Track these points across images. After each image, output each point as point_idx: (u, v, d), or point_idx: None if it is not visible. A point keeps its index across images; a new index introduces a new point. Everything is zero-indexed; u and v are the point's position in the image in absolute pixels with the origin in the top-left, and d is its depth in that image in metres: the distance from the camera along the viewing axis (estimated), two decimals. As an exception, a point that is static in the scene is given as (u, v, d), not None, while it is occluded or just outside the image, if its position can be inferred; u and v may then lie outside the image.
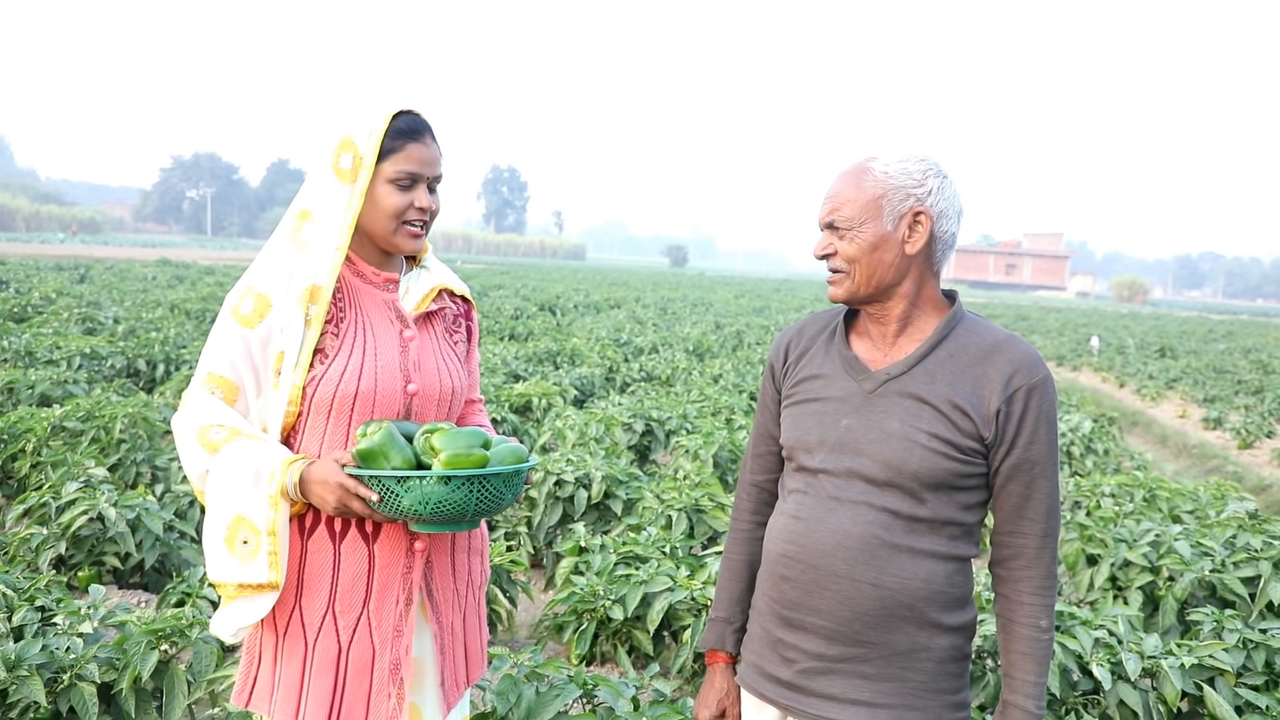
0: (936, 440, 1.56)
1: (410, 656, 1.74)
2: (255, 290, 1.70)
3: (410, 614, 1.74)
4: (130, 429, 5.48)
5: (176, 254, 43.40)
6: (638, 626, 3.58)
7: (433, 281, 1.86)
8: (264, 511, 1.61)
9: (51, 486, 4.31)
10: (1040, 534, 1.60)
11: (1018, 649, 1.61)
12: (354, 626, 1.70)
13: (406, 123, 1.72)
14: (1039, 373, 1.58)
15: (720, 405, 7.80)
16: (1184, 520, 4.86)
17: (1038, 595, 1.60)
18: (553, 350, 11.19)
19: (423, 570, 1.77)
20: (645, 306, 23.11)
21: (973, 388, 1.58)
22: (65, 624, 2.87)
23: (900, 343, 1.65)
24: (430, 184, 1.76)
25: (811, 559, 1.61)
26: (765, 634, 1.70)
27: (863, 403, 1.63)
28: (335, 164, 1.72)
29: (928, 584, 1.57)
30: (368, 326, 1.75)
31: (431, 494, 1.58)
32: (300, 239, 1.73)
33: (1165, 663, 2.93)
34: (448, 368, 1.82)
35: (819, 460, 1.64)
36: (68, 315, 11.86)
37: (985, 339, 1.62)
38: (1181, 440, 10.89)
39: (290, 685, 1.70)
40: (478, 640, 1.92)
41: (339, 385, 1.68)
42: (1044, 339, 23.21)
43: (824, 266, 1.68)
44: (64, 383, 7.20)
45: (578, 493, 4.89)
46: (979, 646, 3.12)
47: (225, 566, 1.63)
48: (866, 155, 1.64)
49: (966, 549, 1.62)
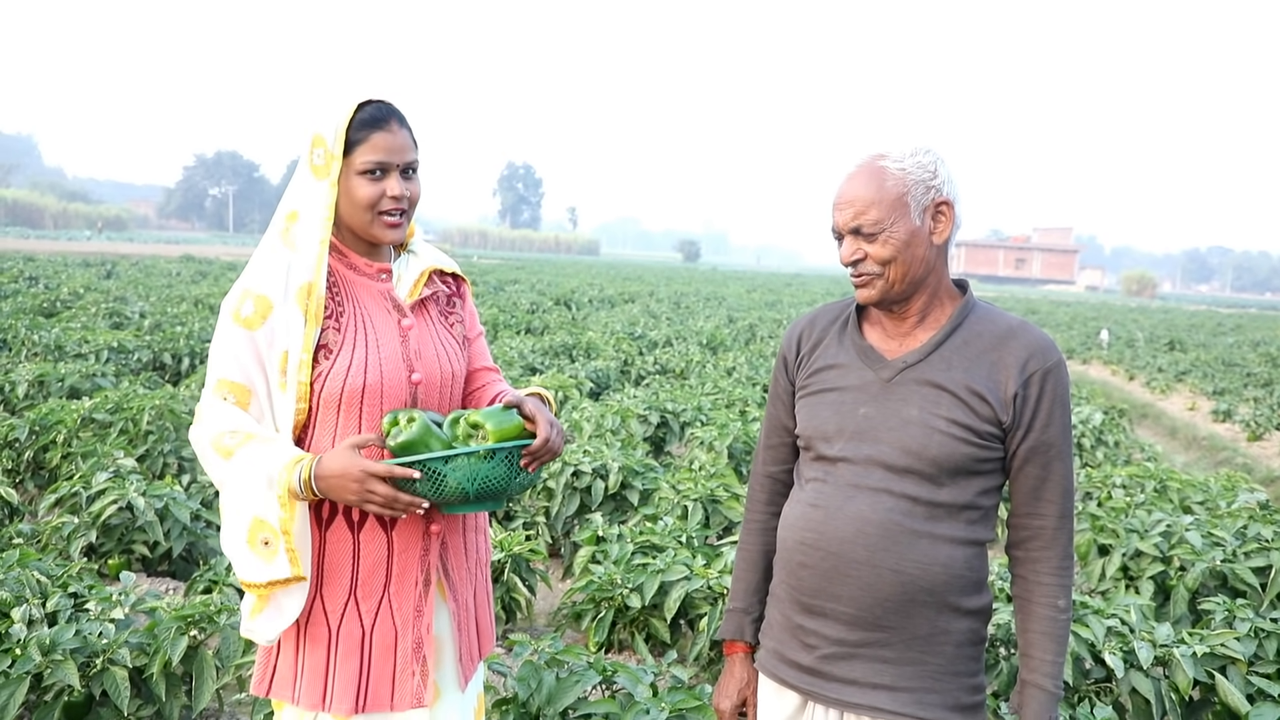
0: (955, 426, 1.56)
1: (431, 634, 1.75)
2: (254, 292, 1.68)
3: (430, 594, 1.75)
4: (157, 420, 5.52)
5: (200, 250, 43.62)
6: (655, 614, 3.59)
7: (421, 265, 1.84)
8: (275, 512, 1.61)
9: (82, 476, 4.35)
10: (1057, 515, 1.60)
11: (1036, 628, 1.61)
12: (376, 610, 1.72)
13: (370, 112, 1.69)
14: (1053, 356, 1.59)
15: (734, 397, 7.79)
16: (1195, 511, 4.83)
17: (1055, 575, 1.60)
18: (568, 344, 11.20)
19: (439, 551, 1.78)
20: (659, 301, 23.08)
21: (989, 373, 1.58)
22: (97, 610, 2.90)
23: (916, 332, 1.65)
24: (405, 170, 1.73)
25: (831, 546, 1.61)
26: (785, 620, 1.70)
27: (880, 391, 1.62)
28: (310, 161, 1.71)
29: (947, 569, 1.57)
30: (367, 319, 1.74)
31: (478, 470, 1.61)
32: (291, 239, 1.71)
33: (1177, 651, 2.92)
34: (447, 353, 1.82)
35: (838, 449, 1.63)
36: (95, 310, 11.96)
37: (999, 325, 1.63)
38: (1191, 432, 10.82)
39: (316, 671, 1.71)
40: (488, 615, 1.94)
41: (346, 380, 1.68)
42: (1054, 332, 23.06)
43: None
44: (92, 376, 7.26)
45: (595, 483, 4.90)
46: (992, 634, 3.11)
47: (251, 566, 1.64)
48: (871, 154, 1.61)
49: (984, 533, 1.62)
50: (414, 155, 1.74)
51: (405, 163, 1.72)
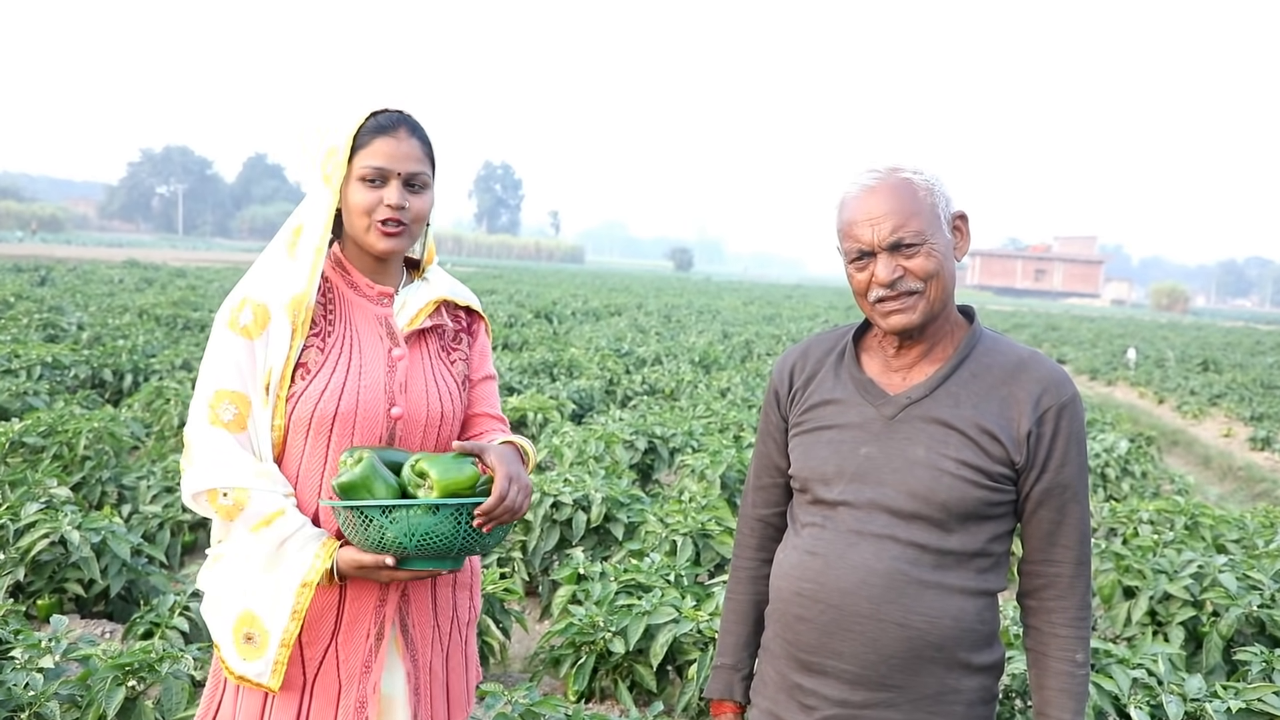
0: (966, 468, 1.56)
1: (378, 694, 1.75)
2: (253, 300, 1.73)
3: (381, 649, 1.75)
4: (95, 445, 5.48)
5: (145, 254, 43.50)
6: (640, 660, 3.58)
7: (430, 294, 1.86)
8: (283, 623, 1.68)
9: (9, 507, 4.31)
10: (1074, 561, 1.61)
11: (1053, 685, 1.61)
12: (320, 659, 1.72)
13: (381, 119, 1.75)
14: (1067, 391, 1.60)
15: (728, 421, 7.80)
16: (1229, 550, 4.85)
17: (1073, 627, 1.61)
18: (549, 361, 11.20)
19: (397, 604, 1.78)
20: (648, 314, 23.13)
21: (1000, 410, 1.59)
22: (24, 658, 2.87)
23: (920, 365, 1.66)
24: (409, 181, 1.76)
25: (832, 598, 1.60)
26: (780, 679, 1.69)
27: (883, 429, 1.63)
28: (323, 171, 1.76)
29: (958, 622, 1.58)
30: (355, 342, 1.76)
31: (419, 524, 1.58)
32: (295, 251, 1.77)
33: (1210, 706, 2.93)
34: (439, 390, 1.83)
35: (838, 492, 1.63)
36: (27, 321, 11.88)
37: (1009, 357, 1.63)
38: (1226, 461, 10.88)
39: (250, 716, 1.72)
40: (462, 681, 1.92)
41: (318, 404, 1.70)
42: (1076, 351, 23.21)
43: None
44: (24, 394, 7.22)
45: (576, 515, 4.89)
46: (1006, 686, 3.11)
47: (229, 652, 1.70)
48: (885, 168, 1.63)
49: (996, 582, 1.62)
50: (420, 167, 1.77)
51: (409, 172, 1.75)
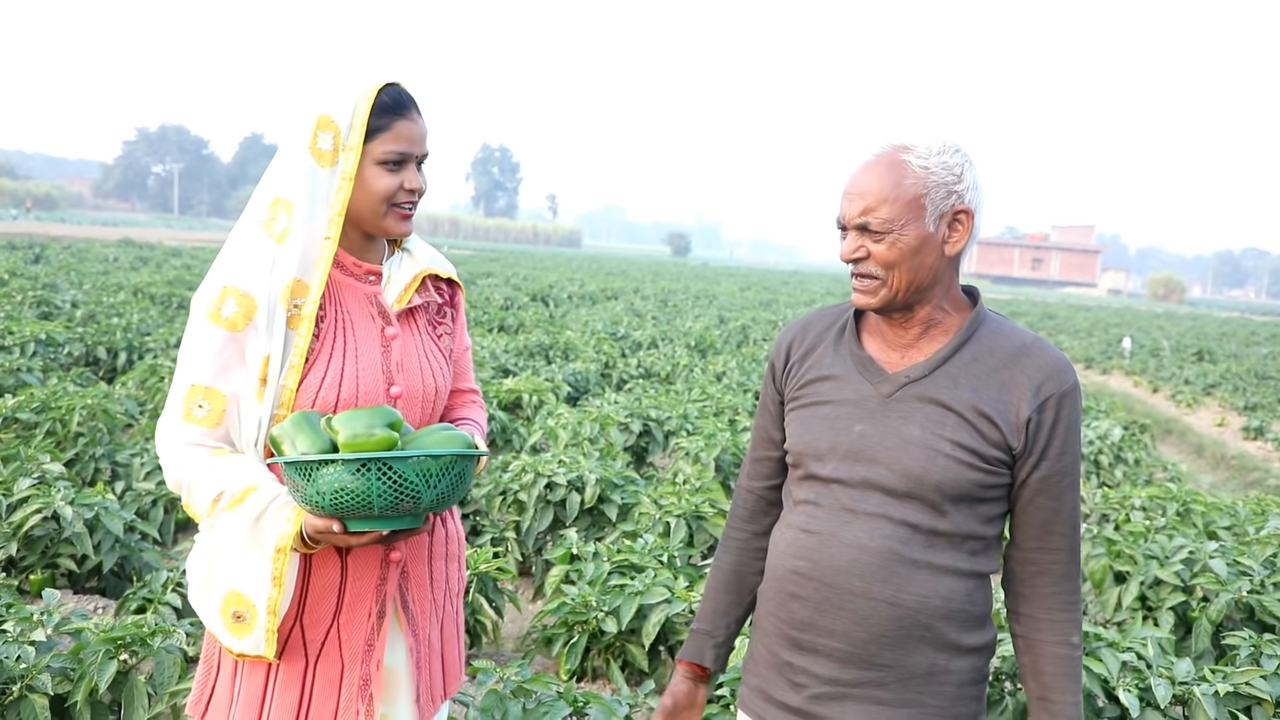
0: (961, 449, 1.56)
1: (381, 671, 1.74)
2: (236, 289, 1.65)
3: (383, 627, 1.74)
4: (89, 421, 5.48)
5: (140, 234, 43.38)
6: (632, 640, 3.59)
7: (415, 268, 1.85)
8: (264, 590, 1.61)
9: (2, 483, 4.31)
10: (1069, 549, 1.61)
11: (1053, 669, 1.61)
12: (322, 640, 1.71)
13: (392, 97, 1.71)
14: (1069, 379, 1.59)
15: (723, 405, 7.82)
16: (1220, 536, 4.87)
17: (1068, 610, 1.62)
18: (545, 344, 11.20)
19: (398, 581, 1.77)
20: (644, 298, 23.11)
21: (999, 394, 1.57)
22: (16, 631, 2.87)
23: (920, 344, 1.64)
24: (418, 162, 1.76)
25: (825, 576, 1.60)
26: (771, 656, 1.69)
27: (879, 407, 1.62)
28: (313, 145, 1.69)
29: (948, 602, 1.58)
30: (348, 325, 1.74)
31: (329, 481, 1.48)
32: (277, 230, 1.68)
33: (1198, 690, 2.94)
34: (432, 367, 1.82)
35: (831, 469, 1.63)
36: (21, 298, 11.85)
37: (1011, 341, 1.62)
38: (1219, 450, 10.92)
39: (251, 700, 1.71)
40: (455, 651, 1.93)
41: (319, 392, 1.67)
42: (1072, 339, 23.23)
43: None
44: (17, 371, 7.20)
45: (570, 496, 4.90)
46: (996, 668, 3.12)
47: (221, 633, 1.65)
48: (895, 142, 1.58)
49: (987, 564, 1.62)
50: (428, 146, 1.77)
51: (423, 154, 1.76)
